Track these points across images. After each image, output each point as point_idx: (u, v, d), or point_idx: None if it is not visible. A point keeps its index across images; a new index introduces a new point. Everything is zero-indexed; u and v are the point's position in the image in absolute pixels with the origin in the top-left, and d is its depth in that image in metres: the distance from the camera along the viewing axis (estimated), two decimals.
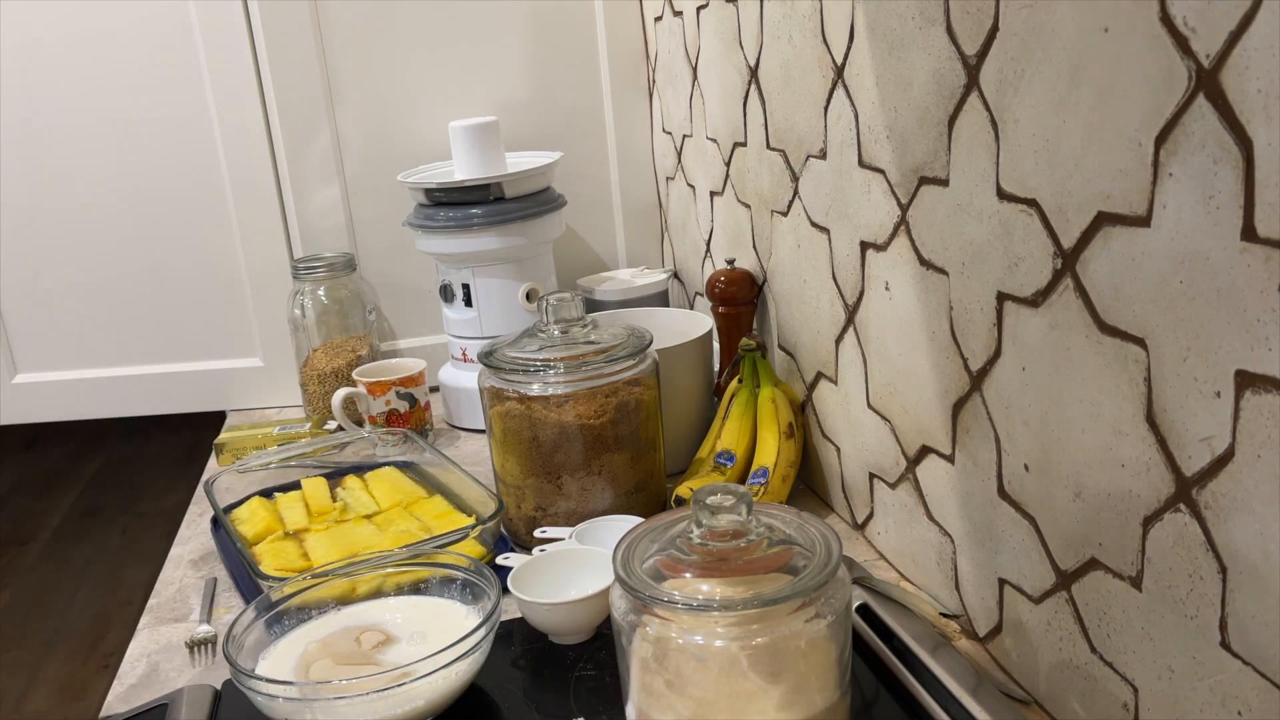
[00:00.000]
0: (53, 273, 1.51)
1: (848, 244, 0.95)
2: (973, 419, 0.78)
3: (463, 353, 1.39)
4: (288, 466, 1.21)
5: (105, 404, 1.57)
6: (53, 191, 1.47)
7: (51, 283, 1.51)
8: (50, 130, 1.45)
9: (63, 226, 1.49)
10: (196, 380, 1.56)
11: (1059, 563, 0.71)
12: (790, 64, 1.01)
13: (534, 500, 1.04)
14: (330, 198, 1.49)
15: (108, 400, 1.56)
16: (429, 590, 0.90)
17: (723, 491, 0.68)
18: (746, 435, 1.10)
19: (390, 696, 0.74)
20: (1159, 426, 0.58)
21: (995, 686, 0.75)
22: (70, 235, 1.49)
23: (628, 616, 0.66)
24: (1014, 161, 0.68)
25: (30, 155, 1.45)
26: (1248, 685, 0.55)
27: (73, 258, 1.50)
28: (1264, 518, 0.52)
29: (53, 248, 1.50)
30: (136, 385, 1.55)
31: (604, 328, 1.07)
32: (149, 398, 1.56)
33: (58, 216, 1.48)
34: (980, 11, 0.68)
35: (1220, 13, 0.49)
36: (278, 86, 1.43)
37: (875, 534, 1.01)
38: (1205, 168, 0.52)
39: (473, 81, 1.50)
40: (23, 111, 1.44)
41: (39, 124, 1.44)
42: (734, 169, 1.23)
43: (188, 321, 1.54)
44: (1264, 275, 0.49)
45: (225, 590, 1.06)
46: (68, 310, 1.52)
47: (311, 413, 1.45)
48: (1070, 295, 0.64)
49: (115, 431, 4.06)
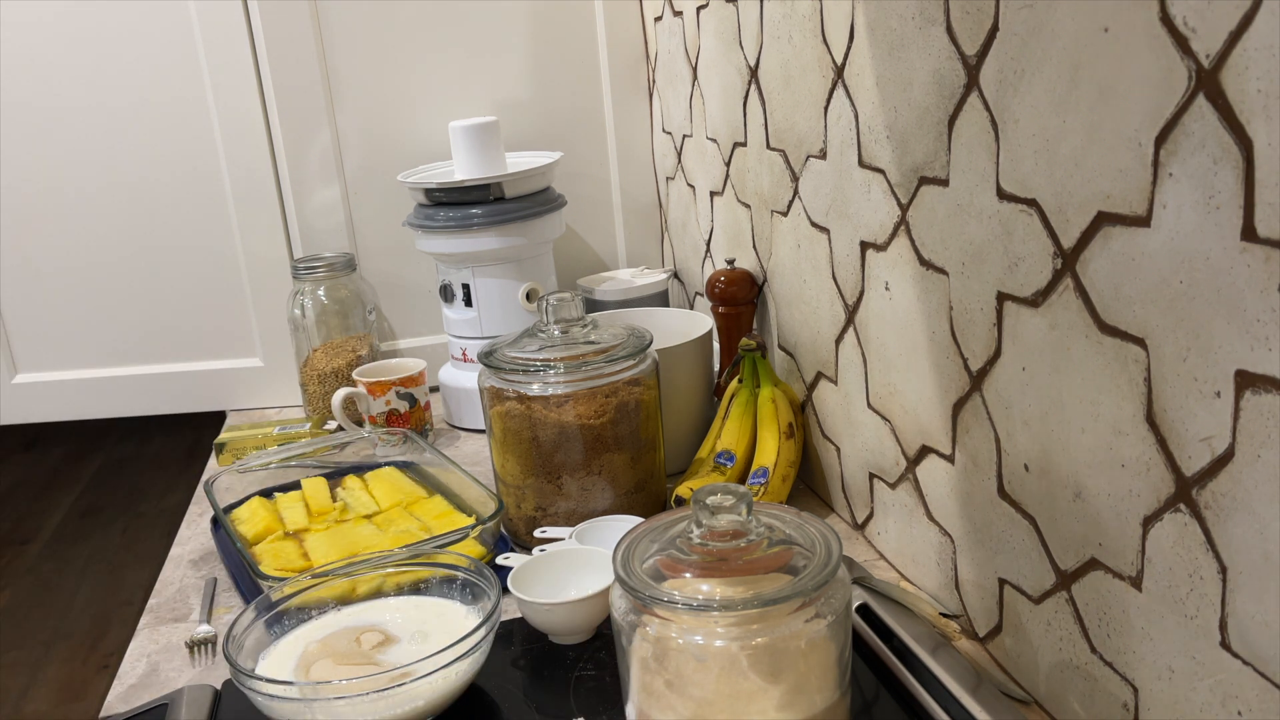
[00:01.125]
0: (53, 273, 1.51)
1: (848, 244, 0.95)
2: (973, 419, 0.78)
3: (463, 353, 1.40)
4: (288, 466, 1.21)
5: (105, 404, 1.57)
6: (53, 193, 1.47)
7: (52, 283, 1.51)
8: (50, 131, 1.45)
9: (63, 228, 1.49)
10: (196, 380, 1.56)
11: (1059, 563, 0.71)
12: (790, 64, 1.01)
13: (534, 500, 1.04)
14: (330, 198, 1.49)
15: (108, 400, 1.56)
16: (429, 590, 0.90)
17: (723, 491, 0.68)
18: (746, 435, 1.10)
19: (390, 696, 0.74)
20: (1159, 426, 0.58)
21: (995, 686, 0.75)
22: (71, 236, 1.49)
23: (628, 616, 0.66)
24: (1014, 161, 0.68)
25: (31, 158, 1.45)
26: (1248, 685, 0.55)
27: (73, 258, 1.50)
28: (1264, 518, 0.52)
29: (53, 249, 1.50)
30: (136, 385, 1.55)
31: (604, 328, 1.07)
32: (149, 398, 1.56)
33: (58, 218, 1.48)
34: (980, 11, 0.68)
35: (1220, 13, 0.49)
36: (278, 87, 1.43)
37: (875, 534, 1.01)
38: (1205, 168, 0.52)
39: (473, 81, 1.50)
40: (23, 114, 1.44)
41: (39, 126, 1.44)
42: (734, 169, 1.23)
43: (188, 322, 1.54)
44: (1264, 275, 0.49)
45: (225, 590, 1.06)
46: (68, 310, 1.52)
47: (311, 413, 1.45)
48: (1070, 295, 0.64)
49: (115, 431, 4.06)
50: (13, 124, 1.44)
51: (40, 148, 1.45)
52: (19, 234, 1.48)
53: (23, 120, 1.44)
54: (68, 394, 1.56)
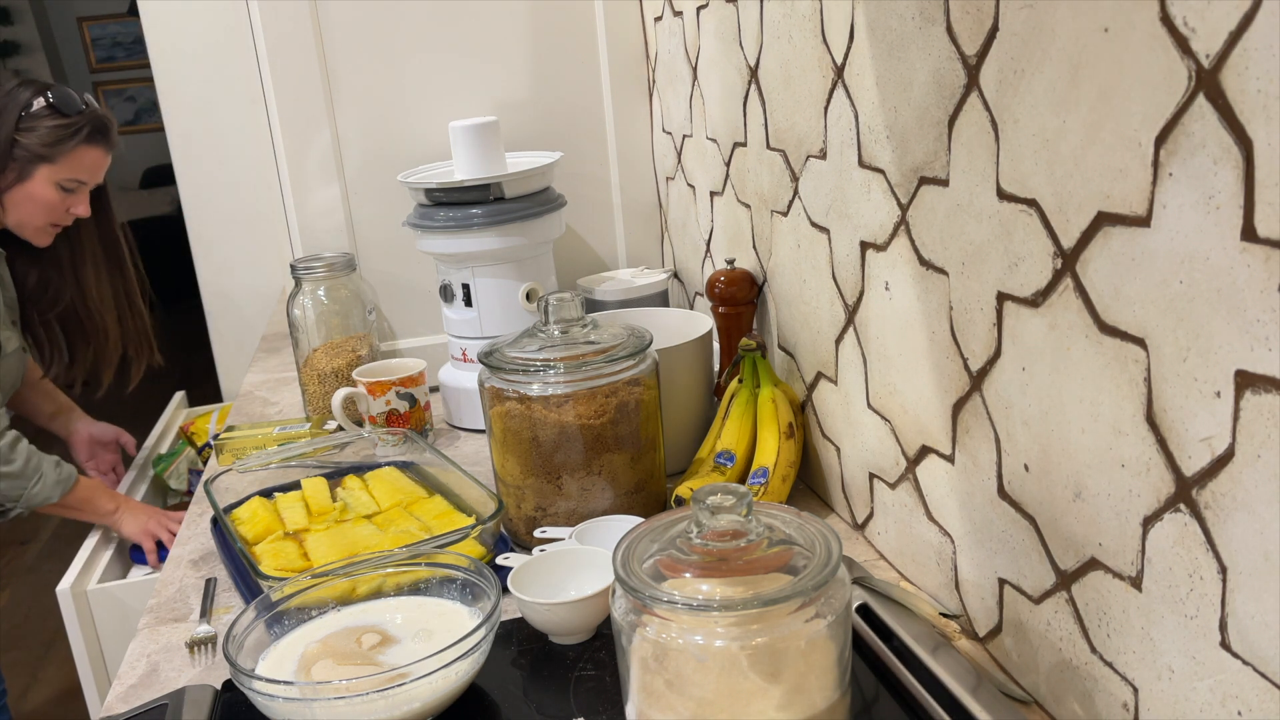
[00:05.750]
0: None
1: (848, 244, 0.95)
2: (973, 419, 0.78)
3: (463, 353, 1.39)
4: (288, 466, 1.21)
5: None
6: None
7: None
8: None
9: None
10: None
11: (1059, 563, 0.71)
12: (790, 64, 1.01)
13: (534, 500, 1.04)
14: (330, 198, 1.49)
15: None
16: (429, 590, 0.90)
17: (723, 491, 0.68)
18: (746, 435, 1.10)
19: (390, 696, 0.74)
20: (1159, 426, 0.58)
21: (995, 686, 0.75)
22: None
23: (628, 616, 0.66)
24: (1014, 161, 0.68)
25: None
26: (1248, 685, 0.55)
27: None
28: (1264, 518, 0.52)
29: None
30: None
31: (604, 328, 1.06)
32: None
33: None
34: (980, 11, 0.68)
35: (1220, 13, 0.49)
36: (278, 86, 1.43)
37: (875, 534, 1.01)
38: (1205, 168, 0.52)
39: (473, 81, 1.50)
40: None
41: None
42: (734, 169, 1.23)
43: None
44: (1264, 275, 0.49)
45: (225, 590, 1.06)
46: None
47: (311, 413, 1.45)
48: (1070, 295, 0.64)
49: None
50: None
51: None
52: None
53: None
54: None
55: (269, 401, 1.63)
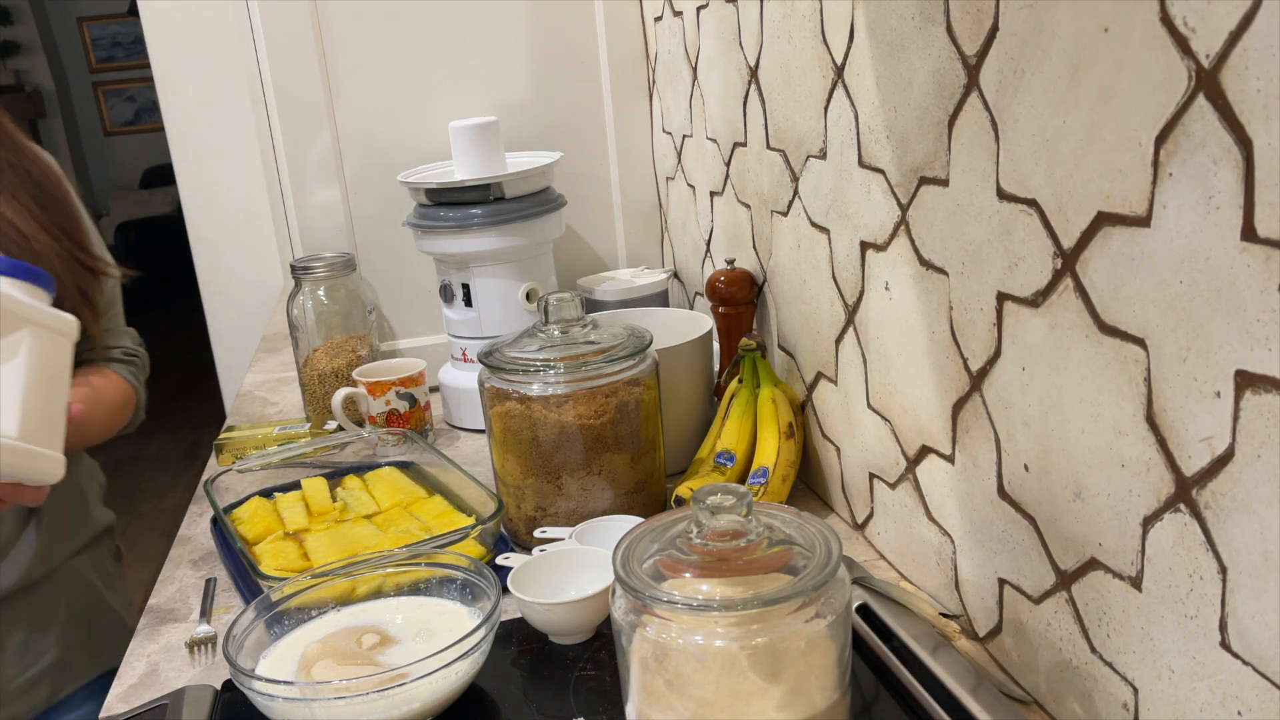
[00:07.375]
0: None
1: (848, 244, 0.95)
2: (973, 419, 0.78)
3: (463, 353, 1.39)
4: (288, 466, 1.21)
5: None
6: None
7: None
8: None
9: None
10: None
11: (1059, 563, 0.71)
12: (790, 64, 1.01)
13: (534, 500, 1.04)
14: (330, 198, 1.49)
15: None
16: (429, 590, 0.90)
17: (723, 491, 0.68)
18: (746, 435, 1.10)
19: (390, 696, 0.74)
20: (1159, 426, 0.58)
21: (995, 686, 0.75)
22: None
23: (628, 616, 0.66)
24: (1014, 161, 0.68)
25: None
26: (1248, 685, 0.55)
27: None
28: (1264, 518, 0.52)
29: None
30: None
31: (604, 328, 1.07)
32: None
33: None
34: (980, 11, 0.68)
35: (1220, 13, 0.49)
36: (278, 86, 1.43)
37: (875, 534, 1.01)
38: (1205, 168, 0.52)
39: (473, 81, 1.50)
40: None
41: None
42: (734, 169, 1.23)
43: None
44: (1264, 275, 0.49)
45: (225, 590, 1.06)
46: None
47: (311, 413, 1.45)
48: (1070, 295, 0.64)
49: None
50: None
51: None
52: None
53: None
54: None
55: (269, 401, 1.63)
